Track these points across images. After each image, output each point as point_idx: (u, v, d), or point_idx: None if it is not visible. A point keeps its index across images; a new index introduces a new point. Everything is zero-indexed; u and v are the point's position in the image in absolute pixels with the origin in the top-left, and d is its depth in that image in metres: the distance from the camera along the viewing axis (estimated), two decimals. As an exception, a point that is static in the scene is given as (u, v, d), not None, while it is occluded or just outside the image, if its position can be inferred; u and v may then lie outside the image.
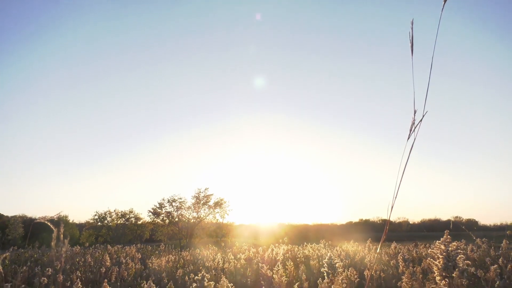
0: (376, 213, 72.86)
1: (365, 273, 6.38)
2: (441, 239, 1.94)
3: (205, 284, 2.14)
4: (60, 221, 1.19)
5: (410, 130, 1.11)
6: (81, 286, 4.91)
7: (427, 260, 2.57)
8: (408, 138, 1.11)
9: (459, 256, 1.86)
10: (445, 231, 1.98)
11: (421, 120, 1.09)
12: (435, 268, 1.92)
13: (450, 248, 1.89)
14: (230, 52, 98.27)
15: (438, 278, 1.91)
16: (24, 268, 7.24)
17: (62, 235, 1.12)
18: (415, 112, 1.09)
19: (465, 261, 1.92)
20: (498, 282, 4.97)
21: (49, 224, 1.06)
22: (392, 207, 1.17)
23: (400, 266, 5.93)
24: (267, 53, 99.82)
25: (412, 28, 1.13)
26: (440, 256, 1.88)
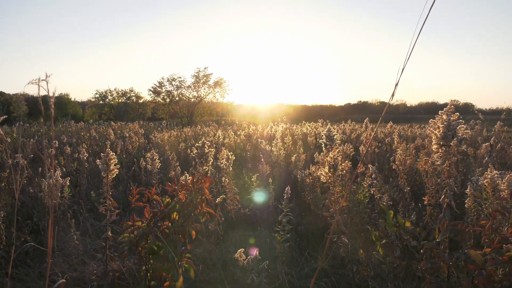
0: (374, 96, 73.25)
1: (360, 148, 6.65)
2: (444, 109, 1.85)
3: (206, 150, 2.18)
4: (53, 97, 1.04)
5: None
6: (87, 155, 5.13)
7: (427, 130, 2.53)
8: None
9: (460, 126, 1.80)
10: (450, 100, 1.88)
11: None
12: (433, 137, 1.87)
13: (452, 118, 1.81)
14: None
15: (435, 147, 1.87)
16: (32, 141, 7.48)
17: (52, 107, 0.98)
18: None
19: (465, 131, 1.87)
20: (487, 158, 5.19)
21: (45, 90, 0.91)
22: (403, 70, 1.09)
23: (395, 142, 6.12)
24: None
25: None
26: (441, 126, 1.83)
